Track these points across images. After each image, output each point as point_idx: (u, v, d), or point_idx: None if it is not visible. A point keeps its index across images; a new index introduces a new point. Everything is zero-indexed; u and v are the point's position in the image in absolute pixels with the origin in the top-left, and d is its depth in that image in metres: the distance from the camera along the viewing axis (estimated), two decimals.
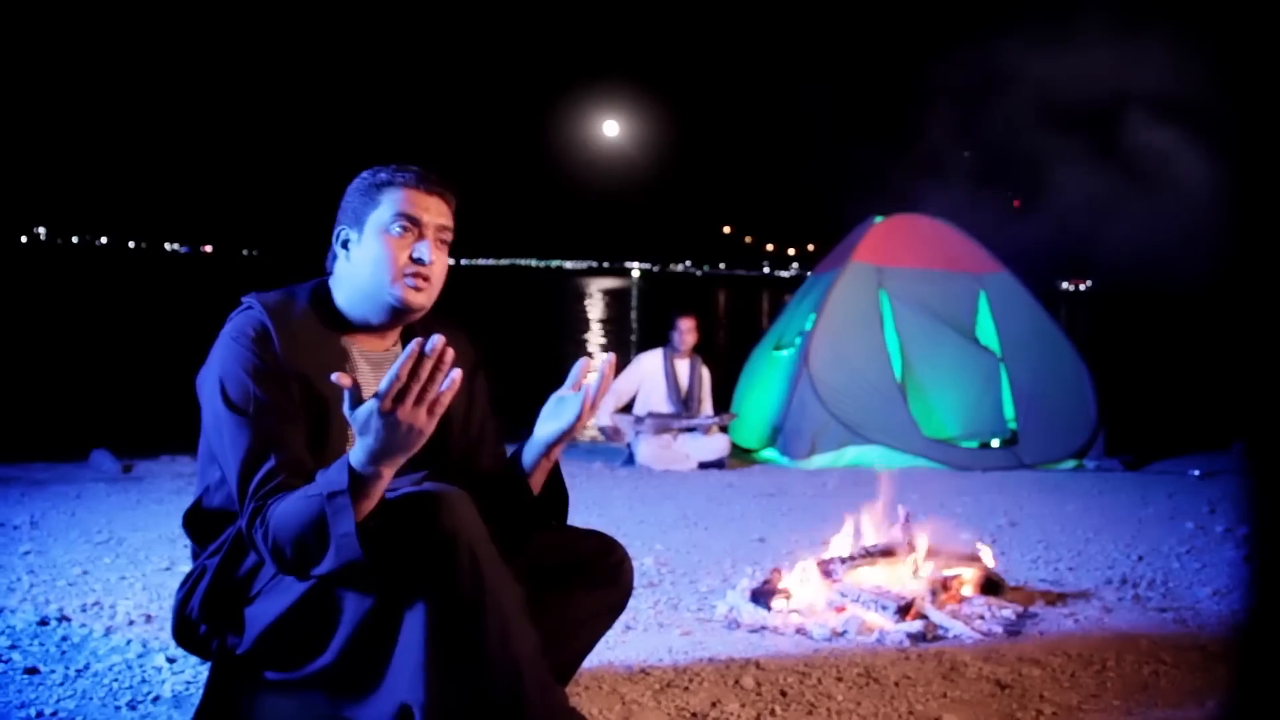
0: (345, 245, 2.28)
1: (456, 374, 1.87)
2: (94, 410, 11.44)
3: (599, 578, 2.33)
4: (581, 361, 2.28)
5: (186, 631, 2.25)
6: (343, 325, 2.28)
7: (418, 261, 2.21)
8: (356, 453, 1.92)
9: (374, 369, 2.29)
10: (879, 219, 9.30)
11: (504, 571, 2.00)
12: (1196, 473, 7.85)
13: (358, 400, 1.90)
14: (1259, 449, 1.35)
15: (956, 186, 9.63)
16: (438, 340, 1.84)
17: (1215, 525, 5.68)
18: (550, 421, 2.30)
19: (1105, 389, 8.96)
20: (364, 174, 2.29)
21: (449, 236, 2.29)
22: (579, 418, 2.26)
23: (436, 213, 2.25)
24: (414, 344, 1.83)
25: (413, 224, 2.22)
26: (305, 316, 2.24)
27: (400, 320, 2.29)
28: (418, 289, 2.22)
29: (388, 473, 1.94)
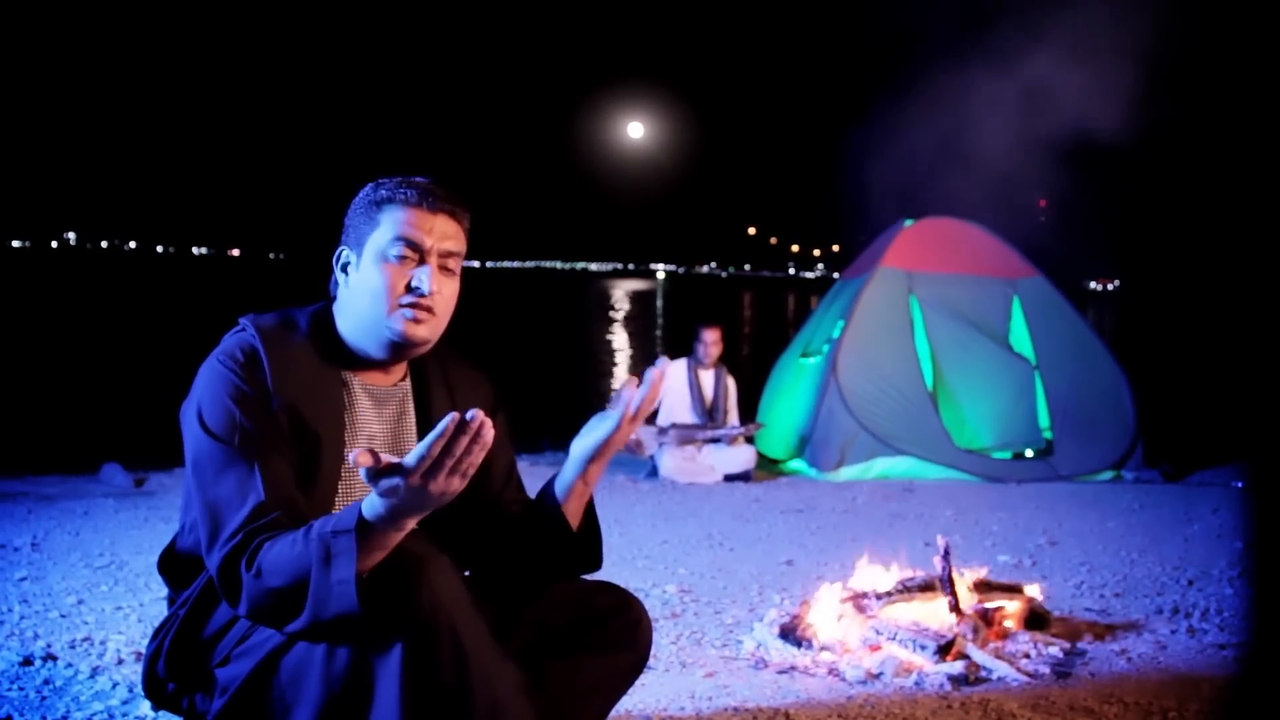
0: (345, 269, 2.06)
1: (489, 435, 1.63)
2: (110, 420, 11.29)
3: (613, 639, 2.07)
4: (628, 383, 2.04)
5: (156, 688, 2.04)
6: (344, 355, 2.06)
7: (416, 291, 1.98)
8: (373, 503, 1.68)
9: (377, 405, 2.08)
10: (909, 222, 9.06)
11: (492, 648, 1.76)
12: (1241, 485, 7.57)
13: (380, 473, 1.64)
14: (1260, 464, 1.30)
15: (983, 187, 9.40)
16: (478, 415, 1.61)
17: None
18: (588, 435, 2.07)
19: (1142, 395, 8.68)
20: (367, 188, 2.06)
21: (457, 264, 2.04)
22: (618, 428, 2.03)
23: (441, 235, 2.01)
24: (451, 419, 1.60)
25: (413, 249, 1.99)
26: (303, 343, 2.02)
27: (403, 355, 2.06)
28: (418, 321, 1.99)
29: (407, 525, 1.71)
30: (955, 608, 3.52)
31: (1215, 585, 4.61)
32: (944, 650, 3.27)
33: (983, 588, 3.74)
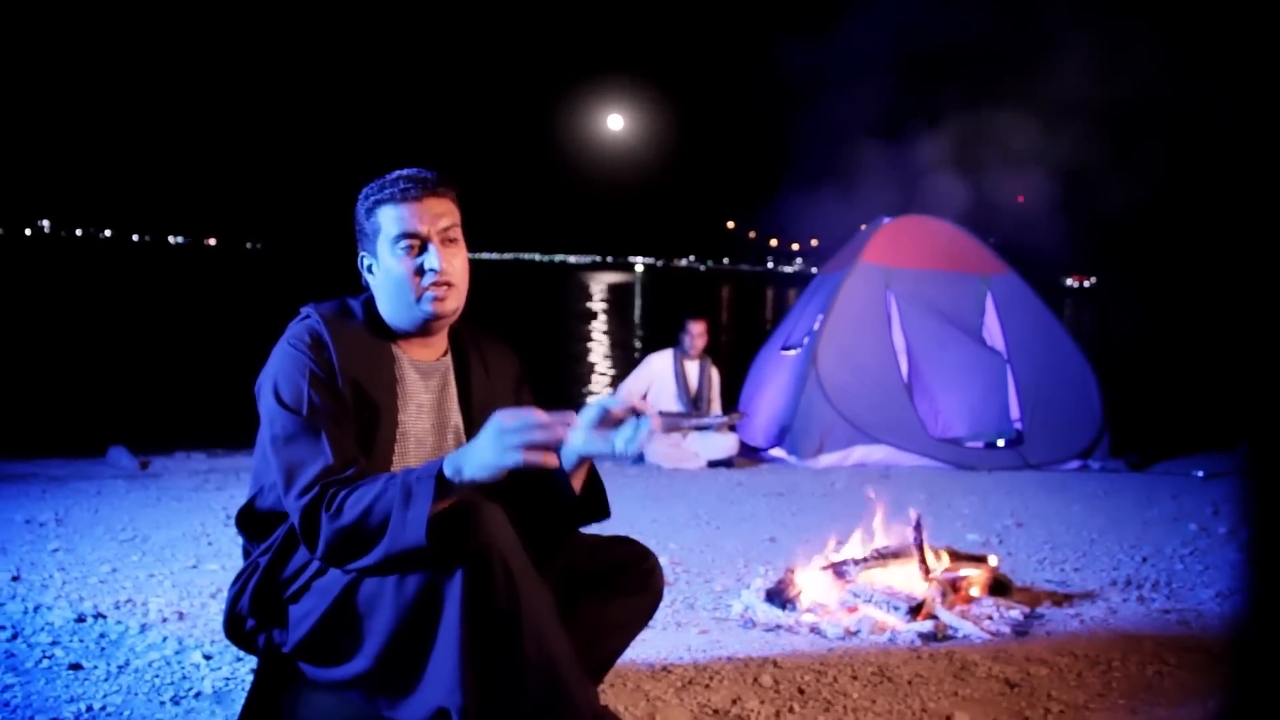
0: (370, 270, 2.37)
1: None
2: (107, 406, 11.55)
3: (631, 584, 2.41)
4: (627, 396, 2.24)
5: (236, 626, 2.35)
6: (391, 335, 2.37)
7: (432, 272, 2.28)
8: (454, 462, 2.02)
9: (424, 378, 2.39)
10: (887, 219, 9.40)
11: (536, 579, 2.09)
12: (1201, 474, 7.94)
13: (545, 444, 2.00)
14: (1261, 450, 1.36)
15: (961, 183, 9.74)
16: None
17: (1218, 527, 5.77)
18: (596, 440, 2.21)
19: (1110, 389, 9.07)
20: (361, 194, 2.36)
21: (457, 232, 2.34)
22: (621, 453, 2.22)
23: (434, 215, 2.30)
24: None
25: (414, 238, 2.29)
26: (358, 327, 2.34)
27: (439, 328, 2.38)
28: (441, 298, 2.30)
29: (471, 486, 2.03)
30: (926, 573, 3.87)
31: (1167, 561, 4.96)
32: (915, 611, 3.62)
33: (951, 557, 4.08)
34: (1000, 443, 8.69)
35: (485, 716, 2.01)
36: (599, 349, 24.12)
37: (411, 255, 2.28)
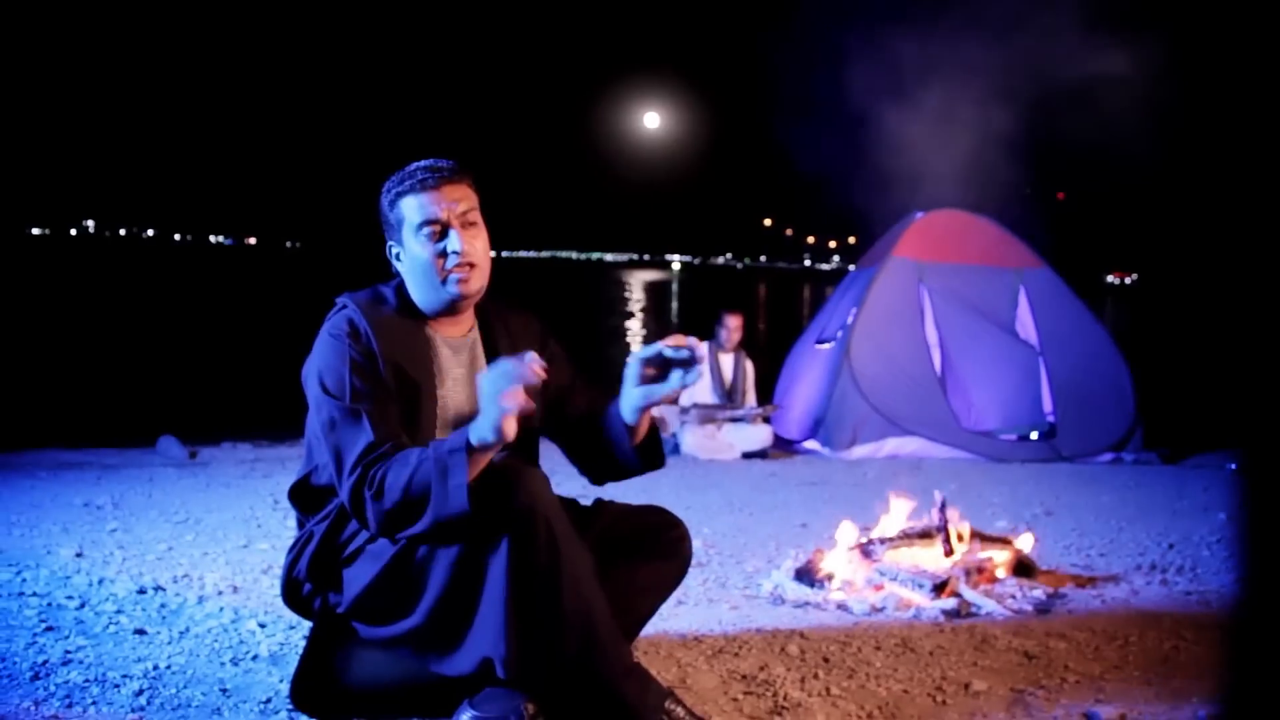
0: (398, 257, 2.54)
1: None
2: (156, 398, 11.85)
3: (662, 550, 2.57)
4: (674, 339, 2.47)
5: (293, 591, 2.52)
6: (423, 316, 2.53)
7: (454, 254, 2.44)
8: (478, 430, 2.21)
9: (455, 354, 2.56)
10: (920, 214, 9.47)
11: (576, 540, 2.25)
12: (1234, 467, 7.95)
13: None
14: (1256, 448, 1.34)
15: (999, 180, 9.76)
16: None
17: None
18: (655, 389, 2.51)
19: (1145, 382, 9.09)
20: (383, 187, 2.53)
21: (475, 216, 2.50)
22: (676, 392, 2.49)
23: (452, 201, 2.45)
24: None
25: (435, 224, 2.44)
26: (392, 312, 2.50)
27: (465, 306, 2.54)
28: (465, 278, 2.46)
29: (494, 449, 2.23)
30: (948, 553, 3.99)
31: (1194, 548, 5.03)
32: (939, 589, 3.74)
33: (976, 539, 4.19)
34: (1033, 435, 8.76)
35: (527, 666, 2.17)
36: (638, 343, 24.28)
37: (434, 240, 2.44)
